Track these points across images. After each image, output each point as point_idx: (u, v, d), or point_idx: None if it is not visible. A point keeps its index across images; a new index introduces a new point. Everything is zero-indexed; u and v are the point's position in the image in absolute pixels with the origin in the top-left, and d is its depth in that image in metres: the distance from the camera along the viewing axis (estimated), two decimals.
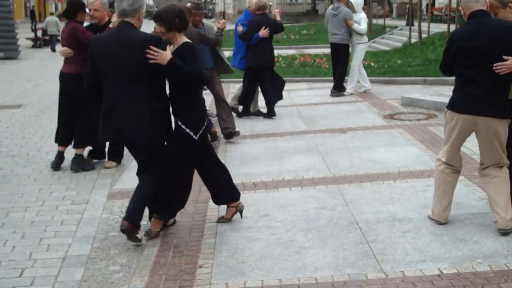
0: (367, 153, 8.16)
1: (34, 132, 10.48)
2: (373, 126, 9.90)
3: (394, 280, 4.55)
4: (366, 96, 12.99)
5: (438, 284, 4.46)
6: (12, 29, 25.93)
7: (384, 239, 5.29)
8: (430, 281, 4.51)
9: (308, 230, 5.58)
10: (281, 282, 4.59)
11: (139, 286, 4.64)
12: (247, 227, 5.72)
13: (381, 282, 4.52)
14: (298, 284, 4.56)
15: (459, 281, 4.49)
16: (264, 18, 10.65)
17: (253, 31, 10.47)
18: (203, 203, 6.45)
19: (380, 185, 6.82)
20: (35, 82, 17.77)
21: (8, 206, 6.60)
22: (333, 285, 4.52)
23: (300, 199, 6.46)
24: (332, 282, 4.56)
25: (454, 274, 4.60)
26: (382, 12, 39.46)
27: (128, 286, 4.66)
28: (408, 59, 18.12)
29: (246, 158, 8.19)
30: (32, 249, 5.42)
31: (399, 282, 4.51)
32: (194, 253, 5.19)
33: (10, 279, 4.84)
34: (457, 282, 4.49)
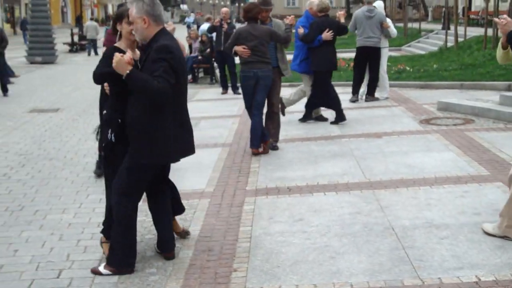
0: (403, 158, 8.10)
1: (71, 136, 10.62)
2: (408, 131, 9.82)
3: (431, 287, 4.50)
4: (401, 101, 12.89)
5: None
6: (49, 34, 26.40)
7: (421, 245, 5.24)
8: None
9: (343, 235, 5.56)
10: (316, 287, 4.58)
11: None
12: (281, 232, 5.71)
13: None
14: None
15: None
16: (327, 20, 10.39)
17: (315, 33, 10.21)
18: (237, 206, 6.47)
19: (416, 191, 6.76)
20: (72, 86, 18.02)
21: (47, 208, 6.71)
22: None
23: (335, 204, 6.43)
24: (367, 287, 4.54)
25: (492, 282, 4.54)
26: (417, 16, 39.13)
27: None
28: (444, 63, 17.92)
29: (281, 163, 8.19)
30: (70, 250, 5.49)
31: None
32: (229, 256, 5.20)
33: (48, 280, 4.91)
34: None
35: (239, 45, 8.47)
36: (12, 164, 8.75)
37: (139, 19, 4.74)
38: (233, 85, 15.68)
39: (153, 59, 4.66)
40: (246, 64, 8.53)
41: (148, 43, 4.81)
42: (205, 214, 6.30)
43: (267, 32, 8.50)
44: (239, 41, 8.51)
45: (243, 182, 7.37)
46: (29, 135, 10.89)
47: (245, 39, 8.44)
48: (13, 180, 7.91)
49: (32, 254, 5.42)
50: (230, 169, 7.98)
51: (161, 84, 4.56)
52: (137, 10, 4.74)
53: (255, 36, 8.41)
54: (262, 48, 8.46)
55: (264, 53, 8.49)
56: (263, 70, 8.46)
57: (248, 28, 8.53)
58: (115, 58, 4.59)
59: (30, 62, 25.88)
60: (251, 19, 8.55)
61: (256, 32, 8.45)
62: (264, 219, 6.07)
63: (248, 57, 8.43)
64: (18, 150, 9.67)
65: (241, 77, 8.70)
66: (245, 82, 8.63)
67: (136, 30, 4.81)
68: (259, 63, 8.44)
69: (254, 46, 8.40)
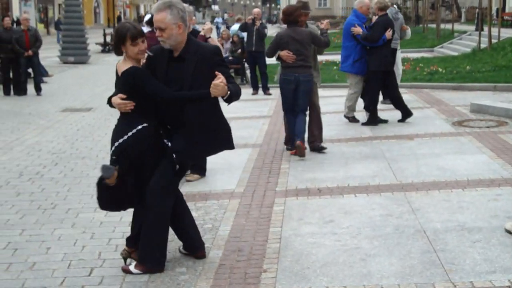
0: (435, 161, 8.03)
1: (103, 135, 10.72)
2: (441, 133, 9.73)
3: None
4: (433, 103, 12.79)
5: None
6: (82, 34, 26.69)
7: (453, 249, 5.19)
8: None
9: (374, 237, 5.53)
10: None
11: None
12: (311, 233, 5.70)
13: None
14: None
15: None
16: (388, 18, 10.40)
17: (381, 32, 10.11)
18: (267, 207, 6.48)
19: (448, 193, 6.69)
20: (104, 86, 18.17)
21: (79, 207, 6.78)
22: None
23: (366, 206, 6.40)
24: None
25: None
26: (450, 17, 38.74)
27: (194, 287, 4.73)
28: (478, 65, 17.72)
29: (311, 164, 8.17)
30: (101, 249, 5.55)
31: None
32: (259, 257, 5.20)
33: (79, 278, 4.96)
34: None
35: (282, 50, 8.32)
36: (45, 162, 8.87)
37: (174, 25, 4.70)
38: (264, 86, 15.69)
39: (215, 63, 4.79)
40: (287, 68, 8.38)
41: (184, 49, 4.81)
42: (235, 214, 6.32)
43: (308, 36, 8.33)
44: (281, 45, 8.36)
45: (273, 183, 7.38)
46: (61, 134, 11.02)
47: (287, 43, 8.28)
48: (46, 178, 8.01)
49: (64, 252, 5.49)
50: (260, 170, 7.99)
51: (237, 84, 4.92)
52: (172, 17, 4.69)
53: (297, 40, 8.26)
54: (305, 52, 8.31)
55: (306, 56, 8.36)
56: (304, 75, 8.33)
57: (289, 32, 8.36)
58: (218, 87, 4.60)
59: (63, 62, 26.21)
60: (292, 22, 8.38)
61: (297, 35, 8.29)
62: (294, 220, 6.06)
63: (292, 61, 8.30)
64: (51, 148, 9.80)
65: (282, 80, 8.55)
66: (285, 85, 8.51)
67: (170, 37, 4.73)
68: (301, 68, 8.30)
69: (297, 50, 8.25)
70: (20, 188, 7.57)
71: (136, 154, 4.88)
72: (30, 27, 16.86)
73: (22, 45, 16.21)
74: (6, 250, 5.56)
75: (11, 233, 6.00)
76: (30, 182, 7.86)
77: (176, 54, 4.84)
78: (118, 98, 4.86)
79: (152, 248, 4.95)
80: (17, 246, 5.66)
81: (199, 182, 7.54)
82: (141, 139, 4.85)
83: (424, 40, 29.19)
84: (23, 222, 6.32)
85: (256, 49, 15.42)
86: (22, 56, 16.25)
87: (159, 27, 4.72)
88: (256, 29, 15.34)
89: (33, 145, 10.05)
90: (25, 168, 8.53)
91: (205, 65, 4.75)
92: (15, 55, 16.27)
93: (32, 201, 7.03)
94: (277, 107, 13.18)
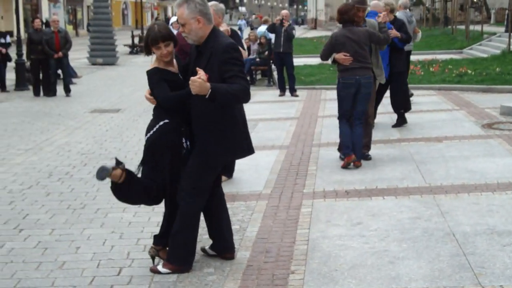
0: (464, 163, 7.96)
1: (131, 136, 10.81)
2: (470, 136, 9.64)
3: None
4: (462, 105, 12.67)
5: None
6: (111, 36, 26.94)
7: (483, 252, 5.14)
8: None
9: (403, 240, 5.49)
10: None
11: None
12: (339, 235, 5.69)
13: None
14: None
15: None
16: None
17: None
18: (295, 209, 6.48)
19: (478, 197, 6.63)
20: (132, 87, 18.32)
21: (107, 207, 6.84)
22: None
23: (394, 209, 6.37)
24: None
25: None
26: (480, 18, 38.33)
27: None
28: (508, 67, 17.51)
29: (338, 166, 8.13)
30: (130, 249, 5.59)
31: None
32: (287, 258, 5.21)
33: (108, 277, 5.00)
34: None
35: (337, 52, 7.80)
36: (74, 163, 8.96)
37: (192, 20, 4.68)
38: (291, 88, 15.68)
39: (223, 60, 4.64)
40: (346, 71, 7.78)
41: (204, 43, 4.77)
42: (263, 215, 6.33)
43: (365, 34, 7.83)
44: (336, 47, 7.83)
45: (300, 185, 7.37)
46: (90, 134, 11.13)
47: (343, 44, 7.74)
48: (75, 178, 8.10)
49: (93, 252, 5.54)
50: (287, 172, 7.98)
51: (242, 85, 4.63)
52: (189, 11, 4.68)
53: (354, 40, 7.73)
54: (363, 53, 7.78)
55: (365, 57, 7.82)
56: (365, 77, 7.79)
57: (345, 32, 7.81)
58: (195, 83, 4.45)
59: (91, 63, 26.45)
60: (347, 21, 7.82)
61: (354, 35, 7.77)
62: (321, 222, 6.05)
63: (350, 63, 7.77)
64: (80, 149, 9.90)
65: (341, 84, 7.91)
66: (345, 89, 7.86)
67: (190, 32, 4.73)
68: (361, 69, 7.76)
69: (354, 52, 7.72)
70: (50, 188, 7.66)
71: (158, 148, 4.96)
72: (60, 28, 17.06)
73: (52, 46, 16.39)
74: (36, 249, 5.63)
75: (41, 233, 6.08)
76: (60, 182, 7.95)
77: (199, 49, 4.85)
78: (147, 92, 5.07)
79: (181, 248, 4.99)
80: (47, 245, 5.73)
81: (226, 184, 7.52)
82: (162, 134, 4.94)
83: (453, 41, 28.92)
84: (53, 222, 6.40)
85: (284, 50, 15.41)
86: (52, 58, 16.43)
87: (181, 22, 4.76)
88: (284, 30, 15.34)
89: (63, 146, 10.16)
90: (55, 169, 8.63)
91: (215, 61, 4.67)
92: (45, 57, 16.47)
93: (61, 201, 7.11)
94: (304, 109, 13.19)
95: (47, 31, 16.99)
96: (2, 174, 8.35)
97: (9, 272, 5.14)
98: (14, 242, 5.82)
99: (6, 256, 5.48)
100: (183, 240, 4.97)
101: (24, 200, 7.19)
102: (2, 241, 5.85)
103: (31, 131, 11.59)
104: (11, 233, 6.09)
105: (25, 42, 17.30)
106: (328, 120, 11.61)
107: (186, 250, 5.01)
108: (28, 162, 9.03)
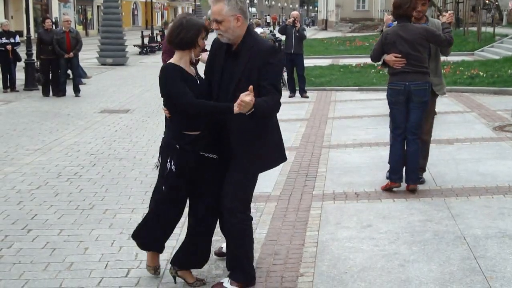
0: (475, 166, 7.92)
1: (141, 136, 10.82)
2: (481, 138, 9.60)
3: None
4: (474, 107, 12.62)
5: None
6: (120, 36, 27.01)
7: (493, 256, 5.11)
8: None
9: (413, 243, 5.47)
10: None
11: None
12: (349, 238, 5.67)
13: None
14: None
15: None
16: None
17: None
18: (304, 211, 6.46)
19: (489, 200, 6.60)
20: (142, 88, 18.36)
21: (116, 208, 6.85)
22: None
23: (405, 211, 6.34)
24: None
25: None
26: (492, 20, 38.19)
27: None
28: None
29: (348, 168, 8.12)
30: (138, 250, 5.51)
31: None
32: (295, 261, 5.19)
33: (116, 279, 5.00)
34: None
35: (388, 53, 6.79)
36: (83, 163, 8.98)
37: (232, 17, 4.34)
38: (301, 89, 15.66)
39: (266, 63, 4.37)
40: (396, 75, 6.75)
41: (241, 43, 4.45)
42: (272, 217, 6.31)
43: (422, 33, 6.65)
44: (386, 47, 6.79)
45: (309, 187, 7.35)
46: (99, 135, 11.15)
47: (393, 44, 6.69)
48: (84, 179, 8.11)
49: (101, 253, 5.54)
50: (297, 173, 7.97)
51: (277, 96, 4.40)
52: (230, 8, 4.33)
53: (407, 40, 6.63)
54: (417, 55, 6.65)
55: (420, 60, 6.68)
56: (417, 83, 6.66)
57: (397, 29, 6.72)
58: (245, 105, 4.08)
59: (101, 63, 26.52)
60: (402, 17, 6.69)
61: (407, 34, 6.64)
62: (331, 224, 6.03)
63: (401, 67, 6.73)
64: (89, 149, 9.92)
65: (389, 91, 6.89)
66: (393, 97, 6.82)
67: (227, 30, 4.37)
68: (413, 74, 6.65)
69: (407, 53, 6.64)
70: (58, 188, 7.67)
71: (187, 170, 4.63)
72: (72, 29, 17.08)
73: (63, 46, 16.42)
74: (45, 250, 5.64)
75: (50, 233, 6.08)
76: (68, 182, 7.97)
77: (234, 49, 4.49)
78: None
79: (246, 263, 4.75)
80: (55, 246, 5.74)
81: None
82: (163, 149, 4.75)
83: (464, 43, 28.80)
84: (62, 222, 6.41)
85: (295, 51, 15.40)
86: (62, 58, 16.47)
87: (216, 19, 4.36)
88: (296, 31, 15.32)
89: (72, 146, 10.19)
90: (64, 169, 8.65)
91: (257, 63, 4.36)
92: (55, 57, 16.51)
93: (70, 202, 7.12)
94: (314, 110, 13.17)
95: (57, 31, 17.02)
96: (11, 174, 8.38)
97: (17, 272, 5.14)
98: (23, 243, 5.83)
99: (14, 257, 5.49)
100: (246, 257, 4.75)
101: (33, 200, 7.21)
102: (10, 241, 5.86)
103: (40, 131, 11.62)
104: (20, 233, 6.10)
105: (35, 42, 17.37)
106: (338, 121, 11.60)
107: (251, 265, 4.79)
108: (37, 162, 9.06)
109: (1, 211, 6.78)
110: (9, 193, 7.51)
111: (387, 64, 6.82)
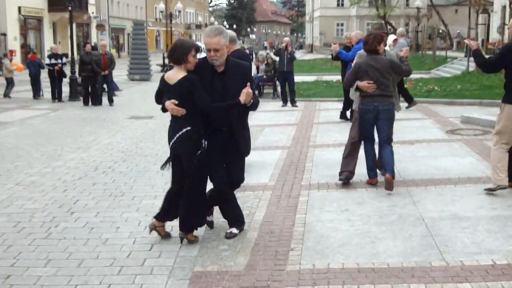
0: (432, 162, 7.90)
1: (162, 137, 10.75)
2: (436, 139, 9.58)
3: (454, 268, 4.37)
4: (431, 115, 12.60)
5: (491, 273, 4.27)
6: (146, 57, 26.99)
7: (446, 234, 5.09)
8: (485, 270, 4.32)
9: (382, 223, 5.45)
10: (359, 266, 4.50)
11: (243, 262, 4.66)
12: (330, 220, 5.64)
13: (443, 269, 4.36)
14: (373, 268, 4.45)
15: (509, 271, 4.30)
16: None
17: None
18: (294, 198, 6.43)
19: (442, 189, 6.58)
20: None
21: (142, 195, 6.82)
22: (403, 270, 4.39)
23: (375, 198, 6.31)
24: (401, 267, 4.43)
25: (505, 265, 4.40)
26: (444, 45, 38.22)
27: (234, 262, 4.69)
28: (467, 85, 17.42)
29: (330, 163, 8.08)
30: None
31: (458, 270, 4.34)
32: (287, 238, 5.17)
33: (142, 252, 4.98)
34: (508, 271, 4.30)
35: (360, 80, 6.63)
36: (115, 159, 8.95)
37: (224, 46, 4.81)
38: (292, 99, 15.62)
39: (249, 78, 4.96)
40: (366, 97, 6.65)
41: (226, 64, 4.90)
42: (268, 203, 6.28)
43: (388, 64, 6.62)
44: (359, 74, 6.65)
45: (299, 178, 7.32)
46: (129, 136, 11.12)
47: (366, 72, 6.58)
48: (116, 172, 8.08)
49: (130, 231, 5.52)
50: (288, 167, 7.94)
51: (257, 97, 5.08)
52: (225, 40, 4.81)
53: (377, 69, 6.55)
54: (385, 81, 6.59)
55: (386, 86, 6.62)
56: (384, 103, 6.60)
57: (368, 60, 6.63)
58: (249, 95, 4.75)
59: (130, 79, 26.47)
60: (371, 51, 6.64)
61: (377, 64, 6.58)
62: (316, 209, 6.01)
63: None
64: (120, 148, 9.88)
65: (360, 109, 6.78)
66: (364, 115, 6.72)
67: (222, 56, 4.82)
68: (380, 97, 6.58)
69: (377, 80, 6.55)
70: (96, 179, 7.64)
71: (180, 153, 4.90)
72: (107, 51, 17.07)
73: (100, 66, 16.42)
74: (84, 229, 5.62)
75: (88, 215, 6.06)
76: (104, 174, 7.94)
77: (221, 69, 4.89)
78: (171, 103, 4.83)
79: (239, 213, 5.33)
80: (93, 225, 5.72)
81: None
82: (184, 140, 4.84)
83: (422, 64, 28.76)
84: (98, 206, 6.38)
85: (287, 69, 15.38)
86: (99, 75, 16.46)
87: (215, 48, 4.77)
88: (288, 54, 15.32)
89: (107, 145, 10.15)
90: (100, 163, 8.62)
91: (241, 79, 4.85)
92: (93, 74, 16.49)
93: (105, 190, 7.09)
94: (303, 118, 13.14)
95: (95, 53, 17.01)
96: (58, 168, 8.35)
97: (62, 246, 5.13)
98: (67, 223, 5.81)
99: (60, 234, 5.47)
100: (238, 209, 5.34)
101: (75, 188, 7.18)
102: (57, 222, 5.84)
103: (81, 133, 11.59)
104: (64, 215, 6.08)
105: (77, 62, 17.34)
106: (322, 126, 11.58)
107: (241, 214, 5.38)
108: (78, 158, 9.03)
109: (50, 197, 6.76)
110: (56, 183, 7.49)
111: (360, 89, 6.68)
